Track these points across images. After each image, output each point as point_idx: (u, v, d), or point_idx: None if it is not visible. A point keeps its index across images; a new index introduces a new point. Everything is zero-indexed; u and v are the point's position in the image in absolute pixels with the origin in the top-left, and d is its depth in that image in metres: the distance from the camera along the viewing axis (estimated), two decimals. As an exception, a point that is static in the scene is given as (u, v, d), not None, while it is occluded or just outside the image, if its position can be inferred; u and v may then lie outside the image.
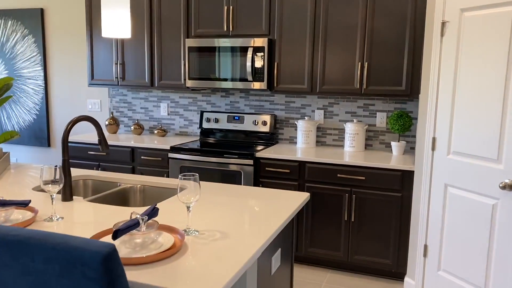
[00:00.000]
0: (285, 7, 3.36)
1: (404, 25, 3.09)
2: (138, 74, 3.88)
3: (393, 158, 3.22)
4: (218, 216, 1.76)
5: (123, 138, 3.92)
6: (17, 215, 1.68)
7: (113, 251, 0.98)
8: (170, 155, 3.52)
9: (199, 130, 4.08)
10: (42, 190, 2.14)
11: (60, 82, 4.55)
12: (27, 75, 4.63)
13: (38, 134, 4.68)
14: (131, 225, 1.36)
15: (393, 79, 3.17)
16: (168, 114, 4.21)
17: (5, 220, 1.61)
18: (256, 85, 3.43)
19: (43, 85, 4.58)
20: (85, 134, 4.16)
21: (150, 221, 1.45)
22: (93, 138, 3.91)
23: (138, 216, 1.42)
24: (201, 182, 2.29)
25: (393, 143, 3.35)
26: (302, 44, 3.35)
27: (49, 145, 4.68)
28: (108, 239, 1.45)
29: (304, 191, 3.23)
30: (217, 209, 1.85)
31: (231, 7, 3.50)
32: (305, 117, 3.66)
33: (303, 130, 3.56)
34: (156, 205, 1.54)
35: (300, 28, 3.34)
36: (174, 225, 1.64)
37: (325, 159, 3.14)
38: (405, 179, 2.99)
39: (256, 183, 3.32)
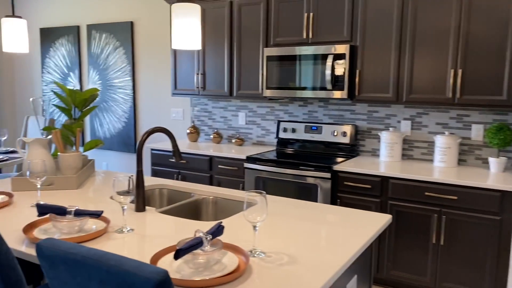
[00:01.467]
0: (369, 12, 3.17)
1: (506, 28, 2.74)
2: (218, 83, 3.91)
3: (491, 176, 2.85)
4: (287, 236, 1.64)
5: (203, 147, 3.97)
6: (91, 225, 1.71)
7: (165, 278, 0.91)
8: (246, 165, 3.48)
9: (276, 140, 4.01)
10: (119, 199, 2.19)
11: (146, 91, 4.76)
12: (118, 84, 4.92)
13: (126, 140, 4.94)
14: (194, 245, 1.30)
15: (492, 88, 2.82)
16: (246, 123, 4.19)
17: (80, 230, 1.65)
18: (336, 94, 3.26)
19: (132, 94, 4.83)
20: (167, 142, 4.29)
21: (214, 239, 1.38)
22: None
23: (202, 234, 1.36)
24: (273, 196, 2.20)
25: (491, 159, 2.98)
26: (387, 50, 3.12)
27: (135, 151, 4.91)
28: (170, 257, 1.41)
29: (387, 209, 2.99)
30: (287, 228, 1.73)
31: (311, 14, 3.38)
32: (390, 128, 3.40)
33: (387, 142, 3.31)
34: (221, 222, 1.47)
35: (385, 33, 3.12)
36: (240, 244, 1.55)
37: (412, 175, 2.88)
38: (505, 200, 2.62)
39: (333, 198, 3.15)
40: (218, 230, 1.42)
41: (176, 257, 1.26)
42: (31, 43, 5.58)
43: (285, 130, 3.83)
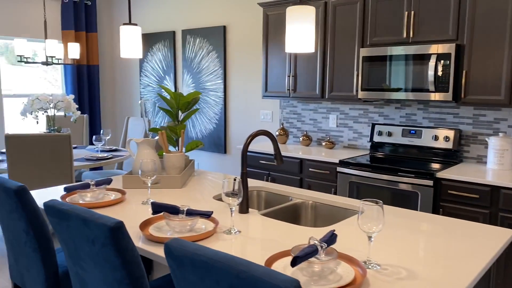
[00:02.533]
0: (478, 8, 2.93)
1: None
2: (309, 86, 3.87)
3: None
4: (400, 248, 1.55)
5: (292, 149, 3.95)
6: (201, 225, 1.76)
7: (298, 289, 0.89)
8: (339, 169, 3.40)
9: (369, 144, 3.87)
10: (222, 200, 2.24)
11: (237, 94, 4.87)
12: (210, 87, 5.08)
13: (216, 141, 5.09)
14: (310, 252, 1.28)
15: None
16: (337, 126, 4.10)
17: (190, 229, 1.71)
18: (439, 96, 3.06)
19: (222, 96, 4.96)
20: (257, 144, 4.34)
21: (329, 248, 1.35)
22: (264, 148, 4.04)
23: (317, 242, 1.33)
24: (377, 204, 2.11)
25: None
26: (499, 49, 2.86)
27: (225, 152, 5.04)
28: (282, 262, 1.39)
29: (497, 222, 2.74)
30: (398, 239, 1.64)
31: (412, 12, 3.21)
32: (500, 133, 3.12)
33: (496, 149, 3.04)
34: (334, 230, 1.43)
35: (497, 30, 2.86)
36: (350, 253, 1.50)
37: (528, 185, 2.61)
38: None
39: (435, 208, 2.96)
40: (331, 239, 1.38)
41: (293, 264, 1.24)
42: (131, 48, 5.97)
43: (380, 133, 3.68)
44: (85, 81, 5.88)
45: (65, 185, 2.23)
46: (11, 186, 1.71)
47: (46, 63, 4.32)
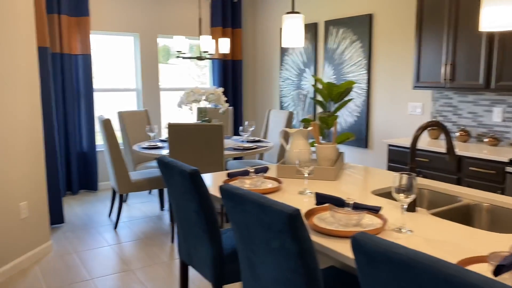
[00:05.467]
0: None
1: None
2: (471, 74, 3.47)
3: None
4: None
5: (447, 145, 3.60)
6: (367, 221, 1.67)
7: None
8: (508, 169, 2.98)
9: (545, 142, 3.32)
10: (383, 195, 2.11)
11: (382, 85, 4.62)
12: (352, 79, 4.92)
13: (357, 135, 4.91)
14: (516, 262, 1.09)
15: None
16: (503, 121, 3.61)
17: (357, 224, 1.62)
18: None
19: (366, 88, 4.76)
20: (404, 138, 4.06)
21: (535, 259, 1.14)
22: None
23: (522, 251, 1.13)
24: None
25: None
26: None
27: (366, 146, 4.84)
28: (477, 269, 1.22)
29: None
30: None
31: None
32: None
33: None
34: (541, 239, 1.20)
35: None
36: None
37: None
38: None
39: None
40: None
41: (497, 273, 1.07)
42: (272, 42, 6.11)
43: (562, 130, 3.13)
44: (229, 76, 6.20)
45: (228, 171, 2.34)
46: (186, 169, 1.83)
47: (200, 58, 4.64)
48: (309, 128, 2.50)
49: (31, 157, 3.27)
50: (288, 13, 2.26)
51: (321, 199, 1.70)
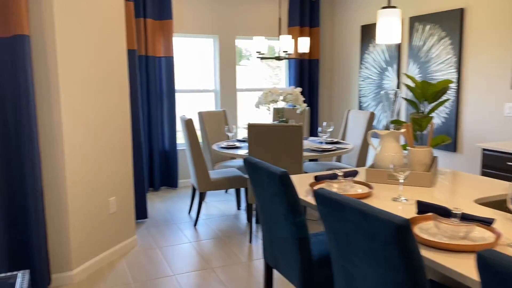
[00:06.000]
0: None
1: None
2: None
3: None
4: None
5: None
6: (477, 234, 1.51)
7: None
8: None
9: None
10: (488, 205, 1.92)
11: (474, 84, 4.27)
12: (439, 78, 4.61)
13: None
14: None
15: None
16: None
17: (465, 236, 1.47)
18: None
19: (455, 88, 4.43)
20: (504, 142, 3.71)
21: None
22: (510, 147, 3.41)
23: None
24: None
25: None
26: None
27: (455, 150, 4.51)
28: None
29: None
30: None
31: None
32: None
33: None
34: None
35: None
36: None
37: None
38: None
39: None
40: None
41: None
42: (352, 40, 5.92)
43: None
44: (306, 75, 6.11)
45: (315, 174, 2.26)
46: (276, 171, 1.78)
47: (278, 58, 4.61)
48: (402, 130, 2.35)
49: (120, 155, 3.43)
50: (383, 7, 2.13)
51: (423, 207, 1.57)
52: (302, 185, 2.22)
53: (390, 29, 2.10)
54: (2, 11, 2.52)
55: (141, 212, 4.18)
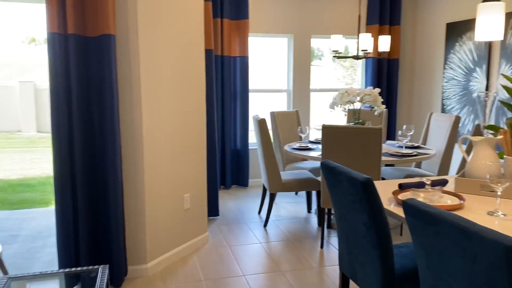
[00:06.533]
0: None
1: None
2: None
3: None
4: None
5: None
6: None
7: None
8: None
9: None
10: None
11: None
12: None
13: (541, 146, 4.13)
14: None
15: None
16: None
17: None
18: None
19: (557, 90, 3.97)
20: None
21: None
22: None
23: None
24: None
25: None
26: None
27: (554, 160, 4.04)
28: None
29: None
30: None
31: None
32: None
33: None
34: None
35: None
36: None
37: None
38: None
39: None
40: None
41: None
42: (435, 39, 5.56)
43: None
44: (384, 75, 5.84)
45: (400, 182, 2.11)
46: (358, 177, 1.67)
47: (356, 57, 4.43)
48: (499, 137, 2.12)
49: (195, 152, 3.49)
50: (484, 0, 1.93)
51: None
52: (384, 193, 2.08)
53: (491, 24, 1.89)
54: (92, 12, 2.65)
55: (213, 209, 4.23)
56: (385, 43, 4.39)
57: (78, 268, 1.62)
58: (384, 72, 5.83)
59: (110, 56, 2.68)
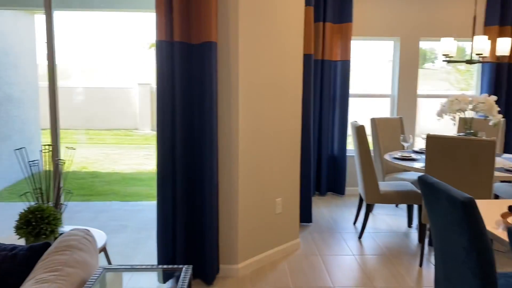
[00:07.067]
0: None
1: None
2: None
3: None
4: None
5: None
6: None
7: None
8: None
9: None
10: None
11: None
12: None
13: None
14: None
15: None
16: None
17: None
18: None
19: None
20: None
21: None
22: None
23: None
24: None
25: None
26: None
27: None
28: None
29: None
30: None
31: None
32: None
33: None
34: None
35: None
36: None
37: None
38: None
39: None
40: None
41: None
42: None
43: None
44: (503, 82, 5.25)
45: (509, 203, 1.88)
46: (458, 196, 1.51)
47: (470, 62, 4.05)
48: None
49: (289, 157, 3.48)
50: None
51: None
52: (491, 213, 1.86)
53: None
54: (196, 20, 2.79)
55: (305, 216, 4.18)
56: (504, 46, 3.94)
57: (159, 266, 1.72)
58: (503, 79, 5.25)
59: (211, 63, 2.80)
